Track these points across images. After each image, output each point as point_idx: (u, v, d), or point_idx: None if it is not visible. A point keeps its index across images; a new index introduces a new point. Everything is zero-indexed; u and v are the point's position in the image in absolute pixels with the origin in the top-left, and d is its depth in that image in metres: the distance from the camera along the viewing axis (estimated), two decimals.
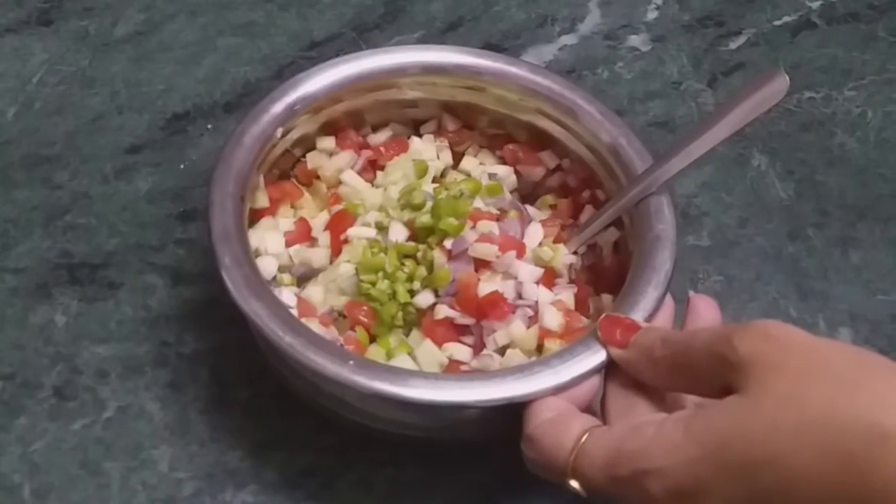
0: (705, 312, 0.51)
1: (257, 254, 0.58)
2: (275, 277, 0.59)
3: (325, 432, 0.57)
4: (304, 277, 0.60)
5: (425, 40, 0.77)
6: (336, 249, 0.59)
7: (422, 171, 0.62)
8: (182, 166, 0.69)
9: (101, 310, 0.62)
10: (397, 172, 0.62)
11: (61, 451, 0.56)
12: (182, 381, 0.59)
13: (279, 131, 0.59)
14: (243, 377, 0.59)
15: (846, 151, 0.73)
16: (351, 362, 0.49)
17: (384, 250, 0.58)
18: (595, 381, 0.50)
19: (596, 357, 0.50)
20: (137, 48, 0.75)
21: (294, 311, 0.55)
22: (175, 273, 0.64)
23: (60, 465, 0.56)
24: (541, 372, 0.49)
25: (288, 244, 0.60)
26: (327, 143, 0.63)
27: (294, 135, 0.61)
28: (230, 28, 0.77)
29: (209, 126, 0.71)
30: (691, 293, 0.53)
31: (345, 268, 0.58)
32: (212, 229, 0.53)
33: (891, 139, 0.74)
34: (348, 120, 0.63)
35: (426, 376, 0.51)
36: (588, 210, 0.62)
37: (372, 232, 0.59)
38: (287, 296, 0.56)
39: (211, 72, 0.74)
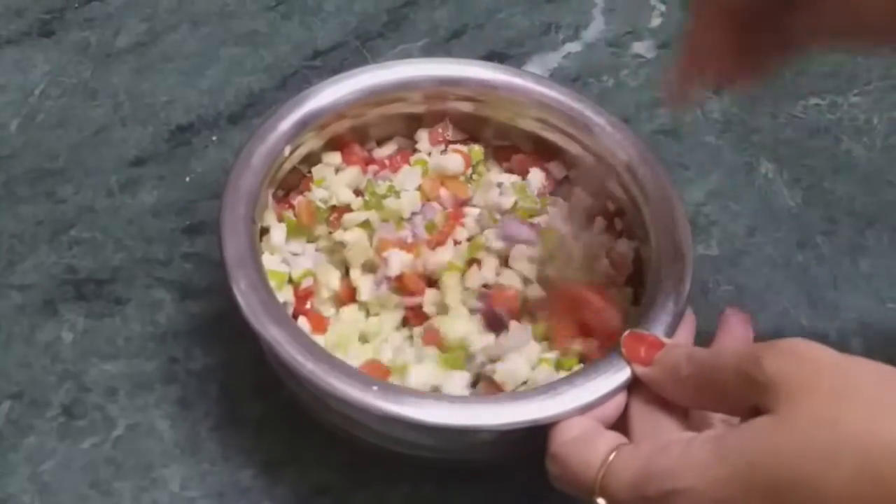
0: (736, 329, 0.52)
1: None
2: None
3: (338, 449, 0.56)
4: None
5: (429, 48, 0.76)
6: None
7: None
8: (187, 179, 0.68)
9: (108, 326, 0.61)
10: None
11: (71, 470, 0.56)
12: (192, 397, 0.59)
13: (287, 149, 0.58)
14: (254, 393, 0.59)
15: (853, 158, 0.73)
16: (374, 388, 0.48)
17: None
18: (621, 398, 0.49)
19: (620, 375, 0.49)
20: (140, 59, 0.74)
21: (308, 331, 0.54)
22: (182, 287, 0.63)
23: (70, 486, 0.55)
24: (566, 392, 0.49)
25: None
26: (333, 158, 0.62)
27: (301, 151, 0.60)
28: (233, 38, 0.76)
29: (214, 138, 0.70)
30: (727, 309, 0.53)
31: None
32: (225, 254, 0.52)
33: None
34: (353, 135, 0.63)
35: (451, 400, 0.50)
36: (599, 221, 0.62)
37: None
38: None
39: (214, 82, 0.74)
